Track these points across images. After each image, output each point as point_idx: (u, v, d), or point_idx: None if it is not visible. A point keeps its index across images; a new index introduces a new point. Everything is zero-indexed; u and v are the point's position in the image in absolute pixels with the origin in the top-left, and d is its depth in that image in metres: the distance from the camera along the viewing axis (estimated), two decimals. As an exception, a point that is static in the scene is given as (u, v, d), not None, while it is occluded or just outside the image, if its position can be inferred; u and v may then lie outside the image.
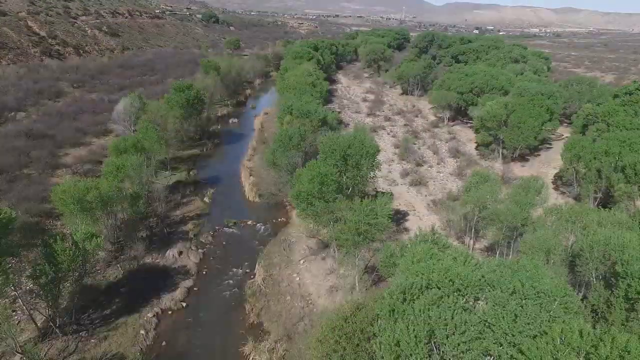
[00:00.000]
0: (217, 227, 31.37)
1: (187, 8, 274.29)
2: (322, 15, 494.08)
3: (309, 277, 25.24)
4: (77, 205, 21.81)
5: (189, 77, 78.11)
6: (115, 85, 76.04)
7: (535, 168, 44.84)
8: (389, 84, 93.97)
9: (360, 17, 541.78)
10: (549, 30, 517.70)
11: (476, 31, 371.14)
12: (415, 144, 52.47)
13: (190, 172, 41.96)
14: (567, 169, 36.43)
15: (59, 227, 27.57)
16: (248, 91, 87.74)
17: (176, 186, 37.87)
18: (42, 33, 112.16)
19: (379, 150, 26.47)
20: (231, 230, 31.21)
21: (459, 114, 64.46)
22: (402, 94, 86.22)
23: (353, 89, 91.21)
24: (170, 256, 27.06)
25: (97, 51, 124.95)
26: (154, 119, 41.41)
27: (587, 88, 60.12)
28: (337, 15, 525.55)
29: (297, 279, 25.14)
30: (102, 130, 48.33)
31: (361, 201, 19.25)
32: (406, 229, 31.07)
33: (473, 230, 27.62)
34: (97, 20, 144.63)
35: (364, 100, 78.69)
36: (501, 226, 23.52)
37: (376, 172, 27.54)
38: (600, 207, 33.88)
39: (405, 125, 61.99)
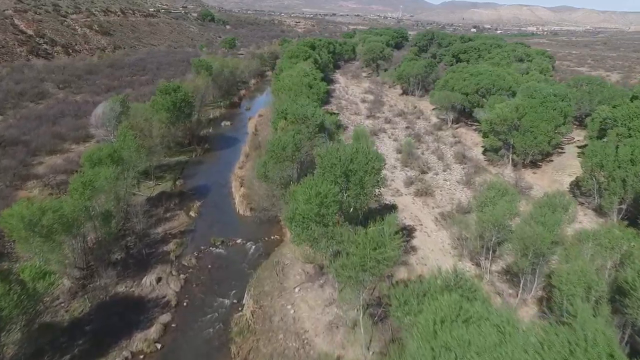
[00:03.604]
0: (202, 247, 28.05)
1: (183, 7, 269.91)
2: (319, 14, 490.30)
3: (305, 309, 22.00)
4: (30, 231, 18.53)
5: (181, 77, 74.80)
6: (103, 86, 72.55)
7: (549, 175, 41.76)
8: (389, 84, 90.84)
9: (358, 15, 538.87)
10: (546, 29, 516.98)
11: (474, 30, 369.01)
12: (418, 148, 49.32)
13: (177, 182, 38.61)
14: (588, 178, 33.31)
15: (21, 252, 24.23)
16: (242, 92, 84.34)
17: (160, 198, 34.54)
18: (30, 32, 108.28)
19: (385, 163, 23.34)
20: (218, 250, 27.92)
21: (462, 115, 61.42)
22: (403, 94, 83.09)
23: (351, 89, 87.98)
24: (147, 284, 23.77)
25: (88, 50, 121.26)
26: (137, 124, 38.11)
27: (598, 88, 57.09)
28: (334, 14, 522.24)
29: (292, 311, 21.91)
30: (82, 135, 44.86)
31: (366, 232, 16.04)
32: (413, 248, 27.89)
33: (491, 251, 24.51)
34: (88, 19, 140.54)
35: (363, 100, 75.50)
36: (526, 252, 20.36)
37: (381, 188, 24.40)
38: (625, 221, 31.00)
39: (407, 127, 58.87)
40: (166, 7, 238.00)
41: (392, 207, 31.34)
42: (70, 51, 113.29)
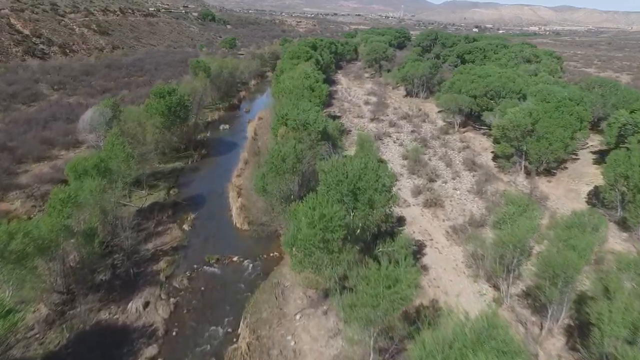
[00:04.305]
0: (195, 266, 25.84)
1: (183, 6, 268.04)
2: (321, 14, 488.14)
3: (308, 341, 19.82)
4: (-3, 258, 16.42)
5: (179, 78, 72.79)
6: (99, 88, 70.48)
7: (564, 184, 39.50)
8: (392, 85, 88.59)
9: (359, 15, 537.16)
10: (548, 29, 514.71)
11: (476, 29, 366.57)
12: (425, 154, 47.03)
13: (170, 191, 36.38)
14: (610, 189, 31.07)
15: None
16: (242, 93, 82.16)
17: (152, 209, 32.36)
18: (26, 31, 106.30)
19: (396, 179, 21.16)
20: (212, 269, 25.72)
21: (470, 118, 59.17)
22: (406, 95, 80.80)
23: (354, 91, 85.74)
24: (133, 310, 21.60)
25: (85, 50, 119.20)
26: (129, 130, 36.02)
27: (612, 91, 54.77)
28: (336, 14, 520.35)
29: (292, 343, 19.72)
30: (73, 141, 42.66)
31: (378, 267, 13.83)
32: (424, 267, 25.68)
33: (512, 273, 22.28)
34: (87, 18, 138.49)
35: (366, 102, 73.25)
36: (556, 280, 18.14)
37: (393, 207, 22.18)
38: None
39: (412, 131, 56.56)
40: (167, 6, 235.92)
41: (401, 221, 29.15)
42: (68, 51, 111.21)
